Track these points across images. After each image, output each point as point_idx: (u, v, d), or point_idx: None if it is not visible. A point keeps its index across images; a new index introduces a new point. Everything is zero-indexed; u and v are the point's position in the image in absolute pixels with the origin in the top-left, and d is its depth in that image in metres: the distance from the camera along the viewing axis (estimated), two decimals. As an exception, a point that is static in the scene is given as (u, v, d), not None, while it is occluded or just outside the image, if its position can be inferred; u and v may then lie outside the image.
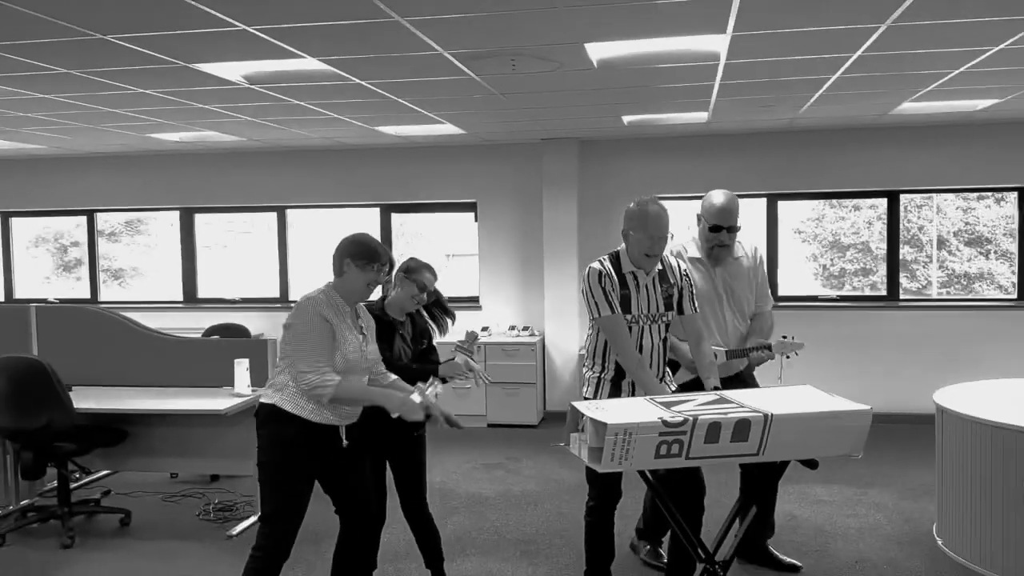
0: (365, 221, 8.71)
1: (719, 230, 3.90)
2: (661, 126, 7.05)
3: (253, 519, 5.23)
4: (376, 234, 8.76)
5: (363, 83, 4.88)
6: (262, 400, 3.39)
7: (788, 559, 4.39)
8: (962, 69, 4.80)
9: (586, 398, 3.74)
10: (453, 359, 3.90)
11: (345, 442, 3.42)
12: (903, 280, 8.18)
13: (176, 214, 9.16)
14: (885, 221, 7.85)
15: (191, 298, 9.16)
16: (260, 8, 3.36)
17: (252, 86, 4.95)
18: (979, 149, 7.39)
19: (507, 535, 4.95)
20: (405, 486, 3.92)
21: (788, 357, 3.94)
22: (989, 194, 8.45)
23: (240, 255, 9.81)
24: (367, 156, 8.47)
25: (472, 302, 8.34)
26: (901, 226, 7.89)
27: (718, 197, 3.93)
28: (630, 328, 3.60)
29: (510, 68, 4.42)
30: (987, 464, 4.19)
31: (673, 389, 3.71)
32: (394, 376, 3.62)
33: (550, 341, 7.99)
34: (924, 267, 9.56)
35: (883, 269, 7.90)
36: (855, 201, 8.83)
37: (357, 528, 3.60)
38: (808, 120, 6.84)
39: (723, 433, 2.95)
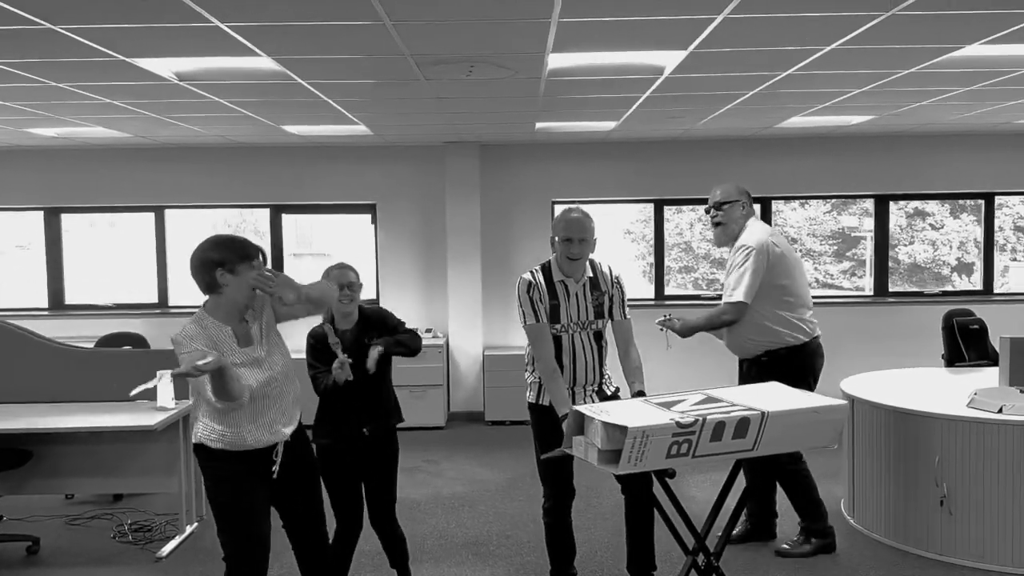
0: (254, 221, 8.36)
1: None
2: (566, 133, 7.20)
3: (181, 539, 4.92)
4: (267, 235, 8.45)
5: (303, 83, 4.70)
6: (193, 441, 3.13)
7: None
8: (858, 91, 5.23)
9: (530, 402, 3.84)
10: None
11: (276, 473, 3.12)
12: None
13: (40, 214, 8.40)
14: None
15: (58, 304, 8.44)
16: (239, 5, 3.18)
17: (180, 82, 4.65)
18: (847, 159, 8.06)
19: (452, 539, 4.92)
20: (375, 498, 3.86)
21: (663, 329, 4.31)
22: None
23: (106, 258, 9.15)
24: (258, 155, 8.12)
25: (370, 304, 8.18)
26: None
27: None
28: (560, 336, 3.73)
29: (465, 74, 4.40)
30: (898, 446, 4.60)
31: (610, 393, 3.85)
32: None
33: (454, 344, 7.98)
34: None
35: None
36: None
37: (306, 548, 3.35)
38: (701, 131, 7.20)
39: (726, 431, 3.10)
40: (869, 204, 8.48)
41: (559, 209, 8.29)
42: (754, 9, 3.28)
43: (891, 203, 8.34)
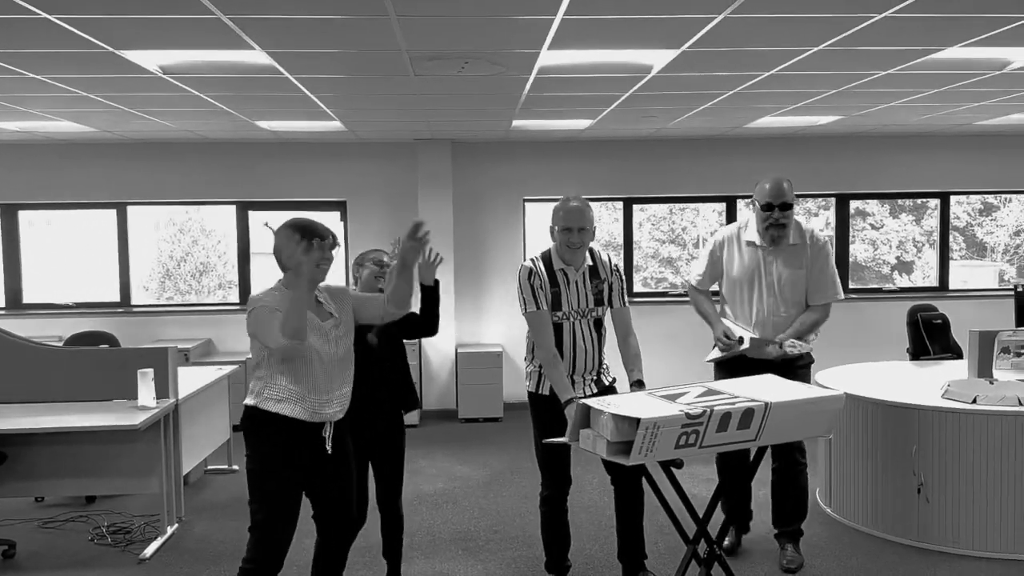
0: (221, 218, 8.23)
1: (771, 208, 4.08)
2: (539, 131, 7.24)
3: (163, 539, 4.83)
4: (232, 232, 8.33)
5: (290, 77, 4.65)
6: (245, 402, 3.28)
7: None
8: (833, 91, 5.38)
9: (529, 391, 3.89)
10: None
11: (330, 448, 3.29)
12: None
13: (-4, 210, 8.15)
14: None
15: (15, 303, 8.19)
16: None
17: (164, 76, 4.57)
18: (810, 159, 8.25)
19: (440, 535, 4.92)
20: (384, 478, 3.94)
21: (787, 353, 4.11)
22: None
23: (65, 255, 8.91)
24: (224, 150, 7.99)
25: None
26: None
27: (768, 178, 4.15)
28: (561, 324, 3.79)
29: (457, 70, 4.40)
30: (875, 436, 4.74)
31: (608, 382, 3.91)
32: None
33: (426, 341, 7.95)
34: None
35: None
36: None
37: (332, 536, 3.50)
38: (671, 130, 7.30)
39: (731, 422, 3.17)
40: (812, 204, 8.70)
41: (530, 207, 8.36)
42: (756, 9, 3.35)
43: (836, 201, 8.54)
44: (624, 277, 3.97)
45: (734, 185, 8.22)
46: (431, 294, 3.89)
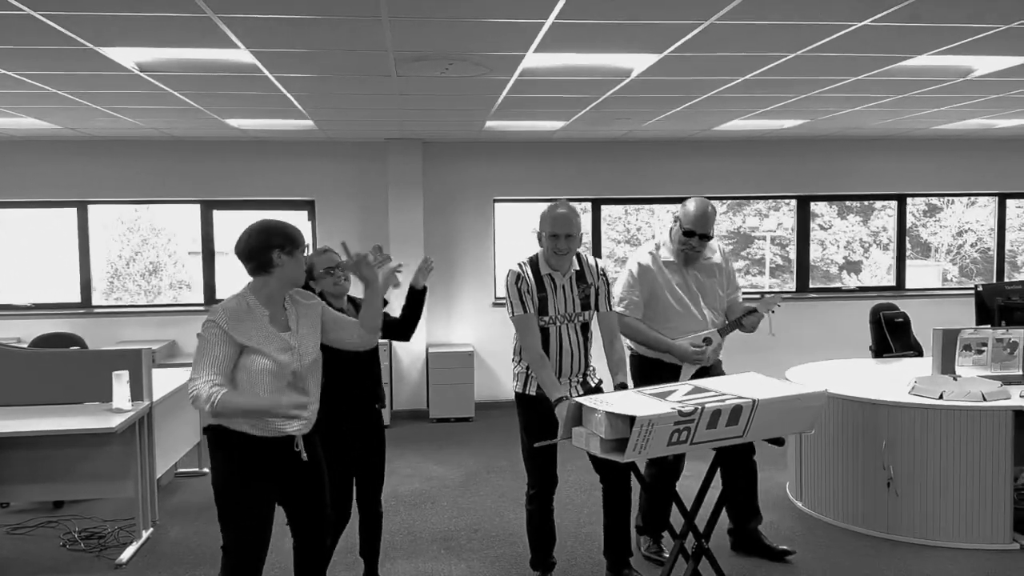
0: (172, 217, 8.10)
1: (692, 235, 4.17)
2: (511, 132, 7.28)
3: (139, 544, 4.76)
4: (197, 231, 8.22)
5: (270, 76, 4.62)
6: (209, 422, 3.09)
7: (780, 546, 4.50)
8: (803, 96, 5.51)
9: (517, 392, 3.93)
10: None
11: (305, 456, 3.13)
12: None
13: (-51, 208, 7.93)
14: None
15: (-30, 304, 7.97)
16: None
17: (140, 73, 4.50)
18: (773, 162, 8.42)
19: (421, 535, 4.93)
20: (364, 476, 3.94)
21: (773, 311, 4.28)
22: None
23: (17, 256, 8.70)
24: (189, 148, 7.88)
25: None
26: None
27: (693, 204, 4.17)
28: (547, 328, 3.83)
29: (441, 71, 4.42)
30: (845, 432, 4.87)
31: (594, 384, 3.95)
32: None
33: (397, 342, 7.92)
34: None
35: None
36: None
37: (308, 543, 3.37)
38: (641, 132, 7.40)
39: (721, 419, 3.25)
40: (762, 205, 8.90)
41: (500, 208, 8.40)
42: (743, 15, 3.43)
43: (798, 203, 8.75)
44: (610, 281, 4.02)
45: (700, 186, 8.35)
46: (418, 297, 3.91)
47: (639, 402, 3.26)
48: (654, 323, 4.22)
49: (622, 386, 3.81)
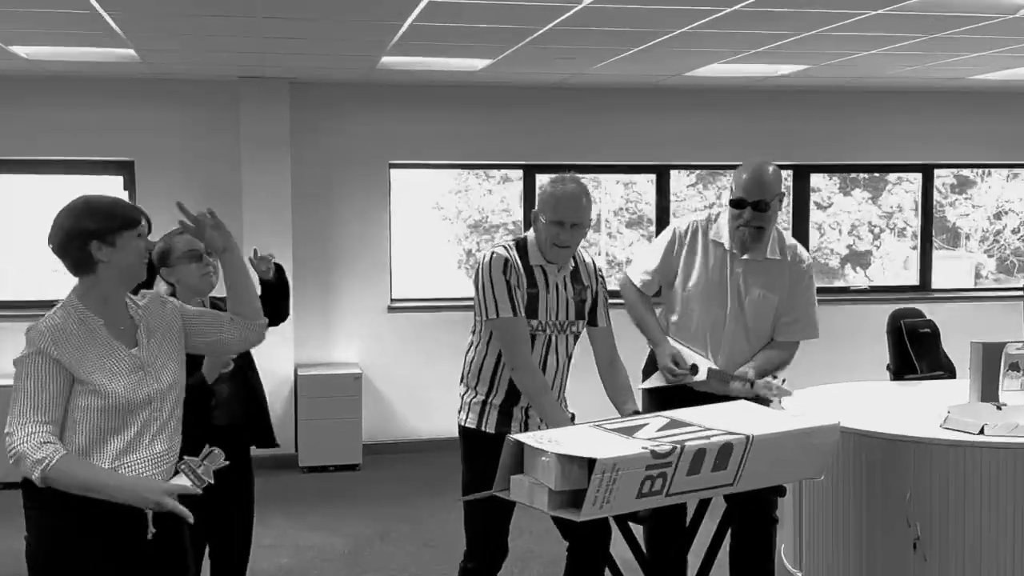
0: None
1: (742, 205, 4.19)
2: (415, 72, 7.31)
3: None
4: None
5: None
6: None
7: None
8: (805, 35, 5.72)
9: (467, 428, 3.94)
10: None
11: (152, 530, 3.05)
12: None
13: None
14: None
15: None
16: None
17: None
18: (761, 118, 8.67)
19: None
20: (222, 552, 4.04)
21: (770, 403, 4.28)
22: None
23: None
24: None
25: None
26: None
27: (749, 164, 4.26)
28: (533, 337, 3.84)
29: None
30: (859, 477, 5.05)
31: (568, 416, 3.98)
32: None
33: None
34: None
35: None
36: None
37: None
38: (589, 77, 7.53)
39: (706, 461, 3.36)
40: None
41: (398, 176, 8.41)
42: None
43: (794, 175, 8.92)
44: (607, 286, 4.10)
45: (665, 151, 8.55)
46: (271, 291, 3.94)
47: (599, 439, 3.33)
48: (671, 311, 4.42)
49: (635, 414, 3.85)
